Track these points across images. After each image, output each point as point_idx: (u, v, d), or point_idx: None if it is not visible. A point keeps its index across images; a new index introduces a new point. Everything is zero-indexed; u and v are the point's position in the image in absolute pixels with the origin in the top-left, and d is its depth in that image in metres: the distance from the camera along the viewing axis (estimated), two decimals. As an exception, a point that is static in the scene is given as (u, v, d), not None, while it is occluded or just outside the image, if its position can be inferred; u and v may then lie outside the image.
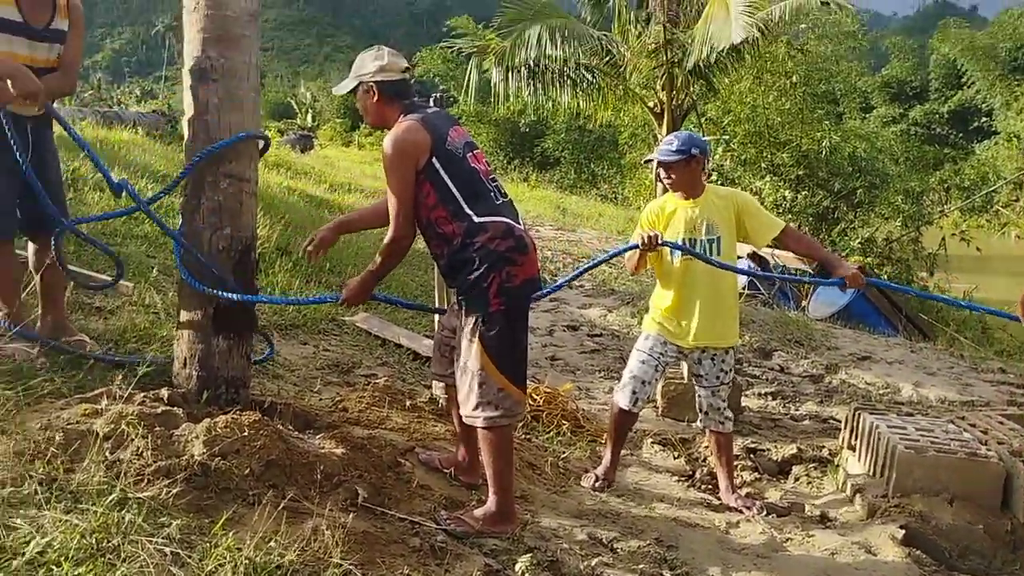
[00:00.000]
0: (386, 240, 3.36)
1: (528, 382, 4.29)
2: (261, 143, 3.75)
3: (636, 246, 4.26)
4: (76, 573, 2.22)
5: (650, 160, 4.35)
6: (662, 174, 4.30)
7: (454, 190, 3.23)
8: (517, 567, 2.99)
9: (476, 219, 3.22)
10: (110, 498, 2.57)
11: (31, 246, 4.07)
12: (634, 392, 4.31)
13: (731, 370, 4.38)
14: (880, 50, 43.51)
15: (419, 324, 6.89)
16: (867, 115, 33.96)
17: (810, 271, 12.44)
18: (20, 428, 2.89)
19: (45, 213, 3.71)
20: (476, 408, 3.26)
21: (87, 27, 4.07)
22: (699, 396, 4.41)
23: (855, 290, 4.46)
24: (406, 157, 3.23)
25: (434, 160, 3.23)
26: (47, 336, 3.99)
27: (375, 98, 3.38)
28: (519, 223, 3.34)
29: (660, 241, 4.17)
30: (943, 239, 18.50)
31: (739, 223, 4.26)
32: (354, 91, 3.44)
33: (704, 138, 4.60)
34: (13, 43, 3.65)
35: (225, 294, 3.50)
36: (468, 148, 3.36)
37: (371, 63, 3.39)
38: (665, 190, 4.42)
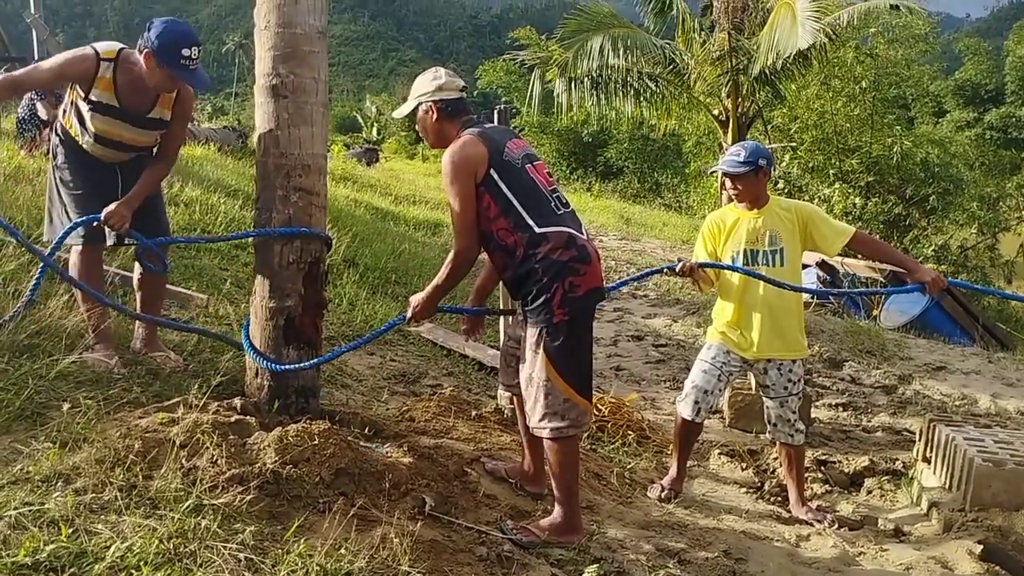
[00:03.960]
0: (451, 255, 3.37)
1: (593, 393, 4.29)
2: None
3: (672, 268, 4.27)
4: (154, 577, 2.28)
5: (716, 171, 4.33)
6: (727, 184, 4.27)
7: (514, 201, 3.24)
8: (584, 577, 2.99)
9: (537, 230, 3.22)
10: (186, 504, 2.64)
11: (136, 266, 4.27)
12: (696, 402, 4.28)
13: (799, 380, 4.31)
14: (953, 53, 42.40)
15: (484, 335, 6.92)
16: (940, 119, 33.11)
17: (882, 279, 12.16)
18: (100, 436, 2.97)
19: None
20: (542, 419, 3.27)
21: None
22: (767, 407, 4.35)
23: (929, 299, 4.35)
24: (465, 170, 3.24)
25: (492, 172, 3.24)
26: (139, 349, 4.16)
27: (434, 117, 3.40)
28: (582, 233, 3.33)
29: (697, 267, 4.21)
30: (1021, 245, 17.94)
31: (805, 234, 4.20)
32: (413, 113, 3.49)
33: (770, 146, 4.56)
34: (116, 124, 3.91)
35: (285, 367, 3.62)
36: (527, 160, 3.38)
37: (429, 83, 3.42)
38: (730, 199, 4.39)
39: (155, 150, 4.12)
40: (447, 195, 3.31)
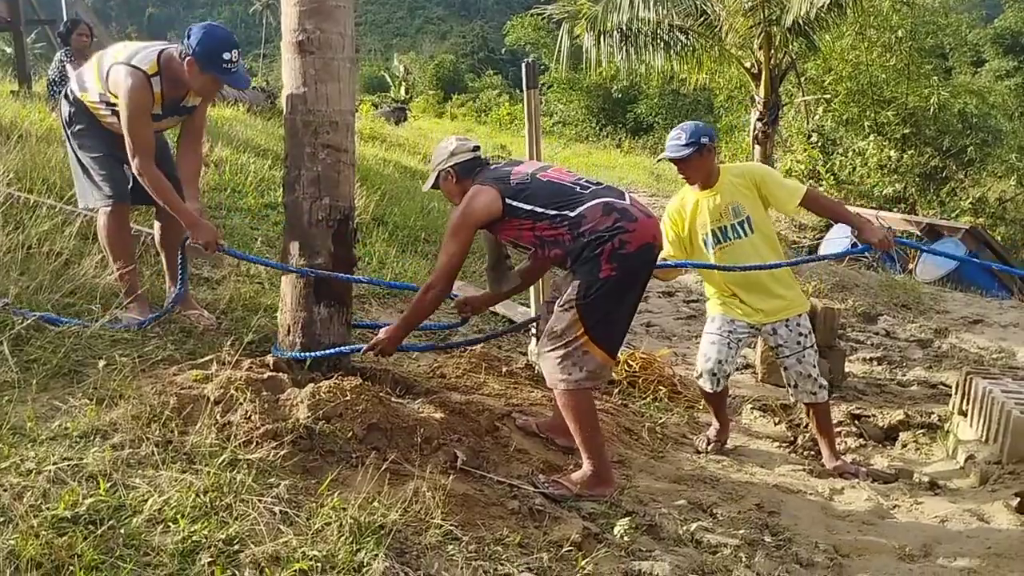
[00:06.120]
0: (424, 288, 3.50)
1: (624, 348, 4.28)
2: None
3: None
4: (192, 530, 2.31)
5: (662, 159, 4.30)
6: (676, 170, 4.26)
7: (538, 208, 3.35)
8: (616, 530, 2.99)
9: (572, 214, 3.30)
10: (221, 459, 2.67)
11: (156, 224, 4.30)
12: (713, 373, 4.29)
13: (810, 332, 4.29)
14: (993, 0, 41.30)
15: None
16: (979, 69, 32.30)
17: (918, 233, 11.99)
18: (137, 393, 3.02)
19: None
20: (558, 371, 3.29)
21: (188, 7, 4.22)
22: (786, 369, 4.29)
23: (967, 251, 4.31)
24: (470, 223, 3.41)
25: (507, 201, 3.37)
26: (172, 308, 4.18)
27: (454, 180, 3.58)
28: (622, 199, 3.38)
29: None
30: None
31: (761, 196, 4.20)
32: (437, 183, 3.64)
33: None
34: (154, 125, 3.96)
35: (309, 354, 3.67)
36: (538, 171, 3.49)
37: (444, 152, 3.61)
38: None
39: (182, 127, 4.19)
40: (446, 236, 3.45)
